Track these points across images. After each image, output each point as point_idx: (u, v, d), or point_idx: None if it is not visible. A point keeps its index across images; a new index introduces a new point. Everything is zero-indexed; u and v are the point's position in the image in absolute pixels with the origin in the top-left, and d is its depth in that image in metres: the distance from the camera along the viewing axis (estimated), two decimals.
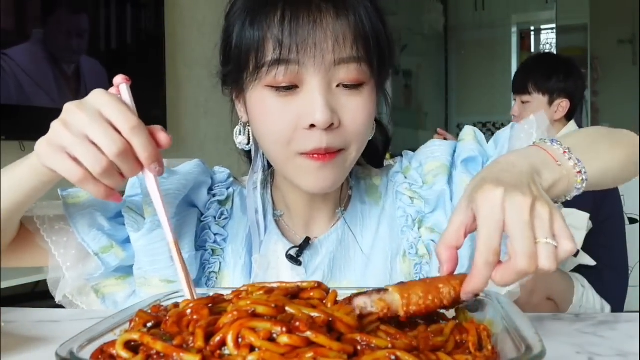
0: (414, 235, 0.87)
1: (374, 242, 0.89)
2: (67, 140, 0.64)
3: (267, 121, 0.79)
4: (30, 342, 0.67)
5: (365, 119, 0.80)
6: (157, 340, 0.47)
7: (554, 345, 0.62)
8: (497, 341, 0.52)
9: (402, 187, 0.91)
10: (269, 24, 0.75)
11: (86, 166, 0.64)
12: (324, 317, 0.48)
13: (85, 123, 0.63)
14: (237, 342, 0.46)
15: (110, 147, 0.63)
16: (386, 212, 0.91)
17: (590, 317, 0.74)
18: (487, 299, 0.59)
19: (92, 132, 0.63)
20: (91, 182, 0.66)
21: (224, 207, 0.92)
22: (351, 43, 0.76)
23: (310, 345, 0.45)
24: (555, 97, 2.34)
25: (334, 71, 0.77)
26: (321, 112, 0.75)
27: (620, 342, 0.64)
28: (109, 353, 0.48)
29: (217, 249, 0.89)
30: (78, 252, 0.84)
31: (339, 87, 0.78)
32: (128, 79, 0.69)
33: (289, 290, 0.55)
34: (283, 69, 0.75)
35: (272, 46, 0.75)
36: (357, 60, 0.77)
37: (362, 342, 0.47)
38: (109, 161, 0.64)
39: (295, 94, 0.77)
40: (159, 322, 0.53)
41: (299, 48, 0.74)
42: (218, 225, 0.91)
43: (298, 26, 0.74)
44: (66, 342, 0.49)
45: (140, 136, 0.64)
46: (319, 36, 0.75)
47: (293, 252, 0.87)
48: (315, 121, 0.75)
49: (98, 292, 0.87)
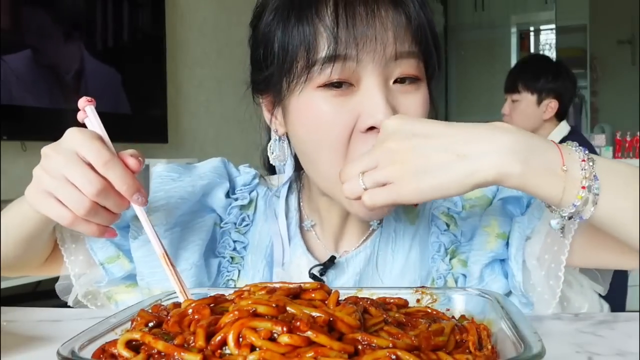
0: (444, 267, 0.80)
1: (404, 265, 0.82)
2: (49, 184, 0.65)
3: (320, 126, 0.71)
4: (32, 341, 0.67)
5: (422, 117, 0.73)
6: (158, 340, 0.47)
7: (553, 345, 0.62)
8: (496, 341, 0.53)
9: (439, 210, 0.84)
10: (321, 17, 0.69)
11: (70, 208, 0.65)
12: (324, 317, 0.48)
13: (62, 165, 0.64)
14: (237, 342, 0.46)
15: (88, 188, 0.64)
16: (420, 234, 0.84)
17: (589, 317, 0.74)
18: (487, 298, 0.59)
19: (70, 174, 0.64)
20: (82, 223, 0.67)
21: (246, 213, 0.87)
22: (411, 36, 0.71)
23: (310, 345, 0.45)
24: (543, 97, 2.41)
25: (393, 67, 0.70)
26: (383, 112, 0.68)
27: (620, 342, 0.64)
28: (110, 352, 0.49)
29: (236, 256, 0.85)
30: (86, 258, 0.85)
31: (396, 83, 0.72)
32: (91, 100, 0.69)
33: (290, 291, 0.55)
34: (339, 65, 0.68)
35: (326, 41, 0.68)
36: (416, 55, 0.72)
37: (363, 342, 0.47)
38: (91, 201, 0.64)
39: (352, 93, 0.70)
40: (161, 322, 0.54)
41: (357, 42, 0.68)
42: (238, 232, 0.86)
43: (355, 18, 0.68)
44: (67, 342, 0.49)
45: (114, 170, 0.64)
46: (379, 29, 0.68)
47: (316, 271, 0.81)
48: (377, 122, 0.68)
49: (110, 299, 0.86)
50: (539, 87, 2.42)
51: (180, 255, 0.83)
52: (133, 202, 0.66)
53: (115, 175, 0.64)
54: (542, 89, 2.41)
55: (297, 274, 0.82)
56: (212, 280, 0.84)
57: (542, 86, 2.41)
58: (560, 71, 2.49)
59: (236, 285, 0.84)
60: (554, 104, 2.42)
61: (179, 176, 0.86)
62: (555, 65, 2.54)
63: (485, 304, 0.59)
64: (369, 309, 0.54)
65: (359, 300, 0.57)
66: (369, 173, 0.62)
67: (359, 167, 0.63)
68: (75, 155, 0.64)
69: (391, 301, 0.61)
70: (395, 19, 0.70)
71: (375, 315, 0.53)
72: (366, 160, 0.63)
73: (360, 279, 0.82)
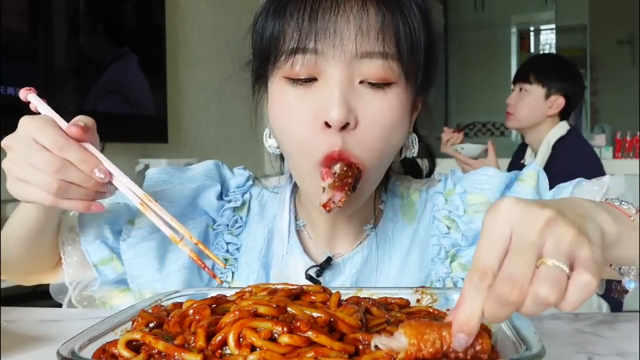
0: (444, 270, 0.80)
1: (402, 266, 0.82)
2: (19, 173, 0.68)
3: (282, 117, 0.73)
4: (32, 341, 0.67)
5: (388, 123, 0.71)
6: (158, 340, 0.47)
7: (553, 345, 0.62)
8: (496, 341, 0.53)
9: (440, 213, 0.83)
10: (292, 12, 0.71)
11: (42, 190, 0.68)
12: (325, 317, 0.48)
13: (24, 154, 0.68)
14: (238, 342, 0.46)
15: (49, 169, 0.67)
16: (419, 236, 0.84)
17: (589, 317, 0.74)
18: None
19: (33, 160, 0.67)
20: (64, 201, 0.69)
21: (239, 214, 0.88)
22: (376, 35, 0.69)
23: (311, 345, 0.46)
24: (552, 92, 2.44)
25: (357, 65, 0.70)
26: (336, 109, 0.68)
27: (620, 342, 0.64)
28: (111, 352, 0.49)
29: (229, 258, 0.85)
30: (80, 260, 0.85)
31: (362, 84, 0.71)
32: (30, 88, 0.73)
33: (292, 292, 0.55)
34: (300, 57, 0.70)
35: (291, 34, 0.70)
36: (384, 55, 0.69)
37: (363, 342, 0.47)
38: (57, 180, 0.67)
39: (314, 87, 0.71)
40: (161, 323, 0.54)
41: (317, 35, 0.69)
42: (231, 234, 0.86)
43: (320, 12, 0.69)
44: (68, 342, 0.49)
45: (70, 152, 0.67)
46: (341, 24, 0.69)
47: (313, 272, 0.81)
48: (329, 118, 0.68)
49: (105, 304, 0.87)
50: (550, 81, 2.44)
51: (169, 257, 0.84)
52: (94, 177, 0.68)
53: (72, 156, 0.67)
54: (553, 85, 2.44)
55: (294, 275, 0.82)
56: (204, 282, 0.84)
57: (554, 82, 2.44)
58: (573, 73, 2.54)
59: (230, 287, 0.84)
60: (560, 101, 2.44)
61: (169, 178, 0.87)
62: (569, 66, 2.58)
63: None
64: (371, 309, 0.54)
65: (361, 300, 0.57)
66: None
67: None
68: (33, 142, 0.67)
69: (393, 301, 0.61)
70: (359, 15, 0.69)
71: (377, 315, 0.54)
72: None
73: (357, 280, 0.81)
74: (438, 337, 0.44)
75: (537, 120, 2.47)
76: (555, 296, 0.42)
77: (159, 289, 0.82)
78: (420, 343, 0.44)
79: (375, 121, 0.70)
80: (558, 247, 0.43)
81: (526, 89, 2.48)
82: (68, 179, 0.68)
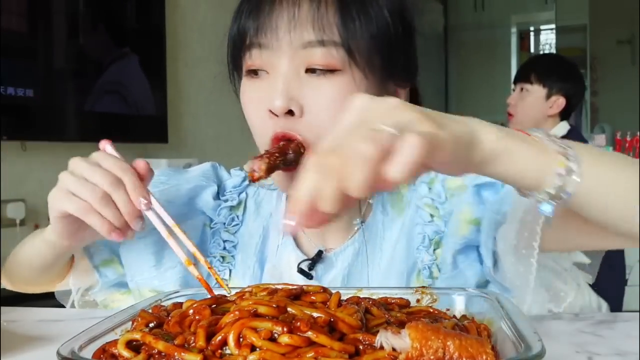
0: (429, 258, 0.81)
1: (391, 257, 0.83)
2: (70, 183, 0.71)
3: (245, 107, 0.78)
4: (32, 341, 0.68)
5: (333, 108, 0.72)
6: (158, 340, 0.47)
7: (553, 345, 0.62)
8: (496, 341, 0.53)
9: (422, 202, 0.84)
10: (245, 11, 0.77)
11: (84, 198, 0.70)
12: (325, 317, 0.48)
13: (85, 168, 0.71)
14: (238, 342, 0.46)
15: (102, 180, 0.70)
16: (406, 226, 0.85)
17: (589, 317, 0.74)
18: (487, 298, 0.59)
19: (89, 175, 0.71)
20: (95, 215, 0.71)
21: (235, 213, 0.89)
22: (311, 25, 0.72)
23: (311, 345, 0.46)
24: (553, 92, 2.45)
25: (301, 55, 0.73)
26: (277, 97, 0.71)
27: (620, 342, 0.64)
28: (111, 352, 0.49)
29: (226, 255, 0.87)
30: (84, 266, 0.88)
31: (309, 73, 0.73)
32: (109, 141, 0.76)
33: (292, 292, 0.55)
34: (252, 52, 0.75)
35: (245, 32, 0.76)
36: (321, 44, 0.72)
37: (364, 342, 0.47)
38: (103, 191, 0.70)
39: (265, 78, 0.75)
40: (161, 323, 0.54)
41: (260, 31, 0.74)
42: (228, 232, 0.88)
43: (265, 10, 0.74)
44: (68, 341, 0.49)
45: (127, 175, 0.72)
46: (278, 18, 0.73)
47: (305, 266, 0.82)
48: (272, 107, 0.72)
49: (107, 307, 0.89)
50: (551, 81, 2.45)
51: (166, 254, 0.85)
52: (137, 204, 0.71)
53: (127, 179, 0.71)
54: (554, 85, 2.44)
55: (287, 271, 0.83)
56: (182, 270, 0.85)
57: (554, 82, 2.45)
58: (574, 73, 2.55)
59: (228, 284, 0.85)
60: (561, 101, 2.45)
61: (167, 179, 0.90)
62: (570, 66, 2.58)
63: (485, 304, 0.59)
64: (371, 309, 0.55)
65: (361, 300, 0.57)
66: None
67: None
68: (97, 163, 0.72)
69: (393, 301, 0.61)
70: (293, 8, 0.73)
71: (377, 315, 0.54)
72: None
73: (348, 273, 0.82)
74: (441, 347, 0.44)
75: (537, 120, 2.47)
76: (373, 151, 0.43)
77: (157, 286, 0.84)
78: (423, 348, 0.44)
79: (320, 107, 0.73)
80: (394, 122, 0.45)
81: (527, 89, 2.48)
82: (113, 196, 0.70)
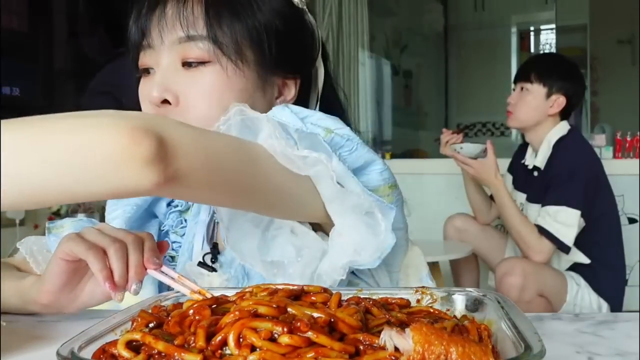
0: None
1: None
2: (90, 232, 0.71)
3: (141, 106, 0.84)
4: (32, 341, 0.68)
5: (207, 96, 0.80)
6: (158, 340, 0.47)
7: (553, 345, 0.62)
8: (497, 341, 0.53)
9: None
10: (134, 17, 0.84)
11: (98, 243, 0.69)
12: (325, 317, 0.48)
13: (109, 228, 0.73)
14: (238, 342, 0.46)
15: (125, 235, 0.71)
16: None
17: (589, 317, 0.74)
18: (486, 298, 0.59)
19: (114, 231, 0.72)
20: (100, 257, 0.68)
21: (184, 217, 0.92)
22: (174, 22, 0.80)
23: (311, 346, 0.45)
24: (553, 92, 2.44)
25: (176, 50, 0.80)
26: (153, 89, 0.79)
27: (620, 342, 0.64)
28: (110, 353, 0.49)
29: (175, 255, 0.90)
30: None
31: (185, 66, 0.81)
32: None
33: (292, 292, 0.55)
34: (141, 52, 0.83)
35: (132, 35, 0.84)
36: (189, 38, 0.80)
37: (364, 342, 0.47)
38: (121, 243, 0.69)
39: (152, 76, 0.83)
40: (161, 323, 0.54)
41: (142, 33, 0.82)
42: (176, 234, 0.91)
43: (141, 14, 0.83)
44: (67, 342, 0.49)
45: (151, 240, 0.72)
46: (150, 20, 0.81)
47: (207, 259, 0.85)
48: (150, 98, 0.80)
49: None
50: (551, 80, 2.44)
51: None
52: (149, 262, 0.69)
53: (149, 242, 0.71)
54: (554, 84, 2.44)
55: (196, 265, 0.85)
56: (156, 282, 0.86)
57: (555, 81, 2.45)
58: (574, 72, 2.55)
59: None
60: (561, 100, 2.44)
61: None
62: (570, 65, 2.58)
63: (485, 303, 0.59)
64: (371, 309, 0.54)
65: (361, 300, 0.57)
66: None
67: None
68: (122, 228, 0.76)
69: (393, 301, 0.61)
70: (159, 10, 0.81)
71: (377, 315, 0.54)
72: None
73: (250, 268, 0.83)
74: (444, 353, 0.43)
75: (538, 119, 2.47)
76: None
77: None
78: (425, 353, 0.43)
79: (193, 95, 0.80)
80: None
81: (527, 89, 2.48)
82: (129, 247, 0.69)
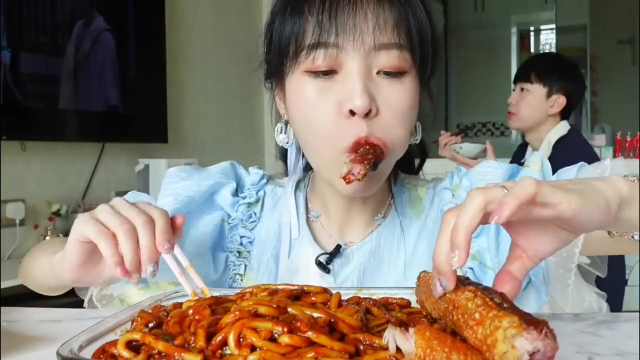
0: None
1: (410, 258, 0.85)
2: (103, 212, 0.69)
3: (306, 109, 0.77)
4: (32, 341, 0.67)
5: (405, 109, 0.77)
6: (158, 340, 0.47)
7: None
8: None
9: (447, 207, 0.85)
10: (310, 8, 0.76)
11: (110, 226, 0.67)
12: (325, 317, 0.48)
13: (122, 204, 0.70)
14: (238, 342, 0.46)
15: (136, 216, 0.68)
16: (427, 228, 0.87)
17: (589, 317, 0.74)
18: None
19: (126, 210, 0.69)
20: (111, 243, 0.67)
21: (253, 210, 0.91)
22: (392, 27, 0.75)
23: (311, 346, 0.45)
24: (553, 92, 2.45)
25: (375, 57, 0.75)
26: (359, 97, 0.73)
27: (620, 342, 0.64)
28: (110, 353, 0.49)
29: (243, 251, 0.89)
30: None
31: (379, 74, 0.76)
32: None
33: (292, 292, 0.55)
34: (322, 52, 0.75)
35: (312, 29, 0.75)
36: (399, 47, 0.75)
37: (364, 342, 0.47)
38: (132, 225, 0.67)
39: (334, 79, 0.76)
40: (161, 323, 0.54)
41: (338, 30, 0.74)
42: (245, 228, 0.90)
43: (338, 9, 0.74)
44: (67, 342, 0.49)
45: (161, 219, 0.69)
46: (359, 19, 0.74)
47: (323, 259, 0.85)
48: (354, 107, 0.73)
49: (123, 301, 0.89)
50: (551, 80, 2.44)
51: (185, 247, 0.86)
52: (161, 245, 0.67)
53: (161, 221, 0.68)
54: (554, 84, 2.44)
55: (304, 265, 0.85)
56: (219, 274, 0.88)
57: (555, 81, 2.44)
58: (574, 72, 2.54)
59: (242, 279, 0.88)
60: (562, 100, 2.44)
61: (187, 176, 0.91)
62: (570, 65, 2.58)
63: None
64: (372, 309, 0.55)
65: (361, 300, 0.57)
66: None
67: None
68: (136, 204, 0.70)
69: (393, 301, 0.61)
70: (375, 10, 0.75)
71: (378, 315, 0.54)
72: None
73: (364, 269, 0.84)
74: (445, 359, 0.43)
75: (538, 119, 2.47)
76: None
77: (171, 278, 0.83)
78: (427, 358, 0.43)
79: (393, 108, 0.76)
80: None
81: (527, 89, 2.48)
82: (140, 232, 0.67)
